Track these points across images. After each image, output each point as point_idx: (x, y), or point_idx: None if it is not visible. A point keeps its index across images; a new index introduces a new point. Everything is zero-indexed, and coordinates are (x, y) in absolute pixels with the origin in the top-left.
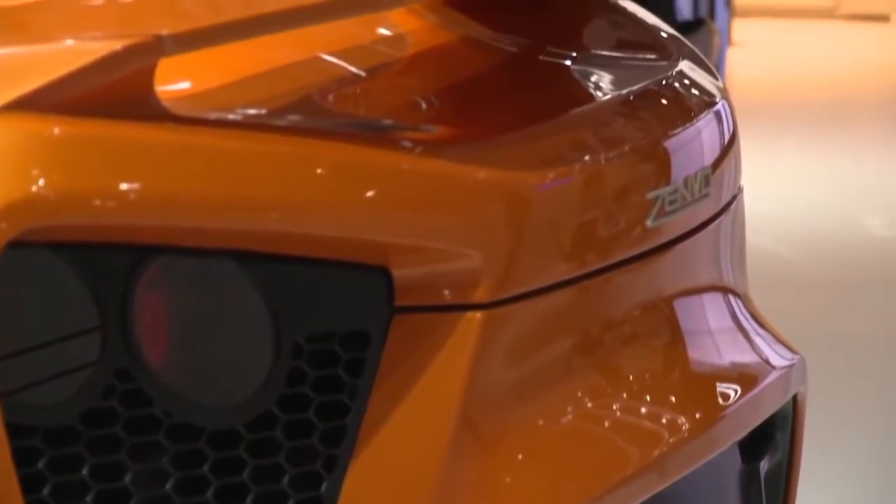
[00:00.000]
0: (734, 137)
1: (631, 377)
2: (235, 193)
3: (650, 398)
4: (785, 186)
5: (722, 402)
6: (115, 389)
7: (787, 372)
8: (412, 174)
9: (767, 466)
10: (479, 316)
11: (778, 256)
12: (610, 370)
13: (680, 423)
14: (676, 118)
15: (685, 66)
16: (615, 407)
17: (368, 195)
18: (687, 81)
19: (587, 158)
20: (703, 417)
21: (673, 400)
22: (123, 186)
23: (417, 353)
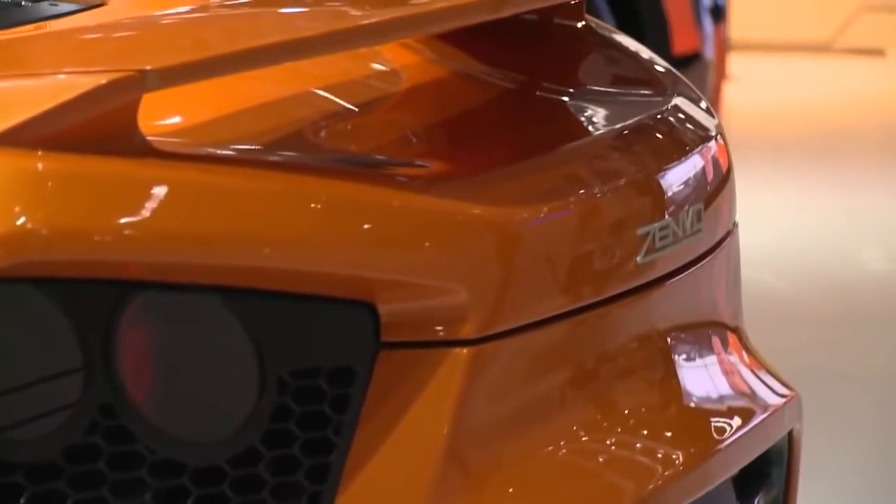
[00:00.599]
0: (728, 173)
1: (622, 412)
2: (220, 229)
3: (641, 434)
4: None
5: (716, 436)
6: (97, 425)
7: (781, 408)
8: (399, 210)
9: (763, 503)
10: (465, 352)
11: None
12: (601, 405)
13: (672, 458)
14: (668, 154)
15: (679, 101)
16: (606, 442)
17: (355, 231)
18: (680, 117)
19: (575, 194)
20: (695, 453)
21: (665, 435)
22: (107, 222)
23: (404, 389)
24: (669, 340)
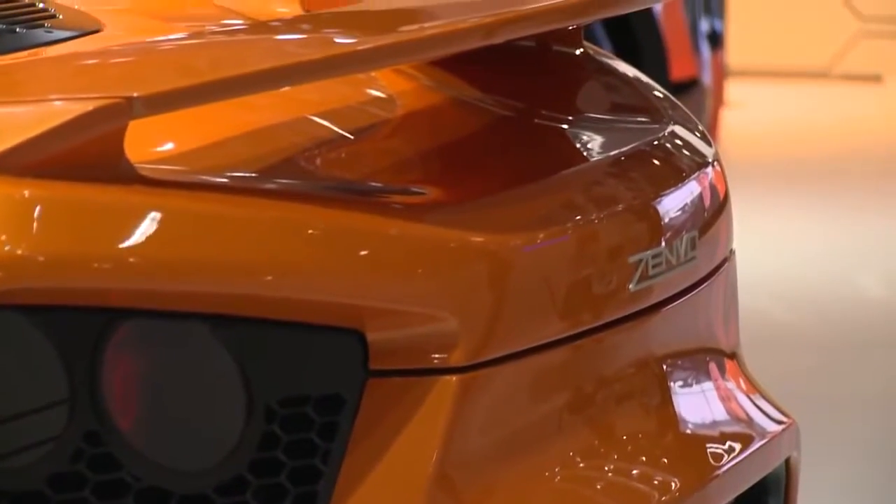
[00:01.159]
0: (725, 201)
1: (616, 439)
2: (206, 257)
3: (636, 461)
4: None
5: (712, 463)
6: (83, 453)
7: (779, 436)
8: (387, 238)
9: None
10: (455, 380)
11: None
12: (595, 432)
13: (666, 485)
14: (662, 182)
15: (675, 128)
16: (600, 469)
17: (343, 259)
18: (676, 144)
19: (566, 222)
20: (690, 480)
21: (659, 462)
22: (92, 250)
23: (392, 417)
24: (665, 367)
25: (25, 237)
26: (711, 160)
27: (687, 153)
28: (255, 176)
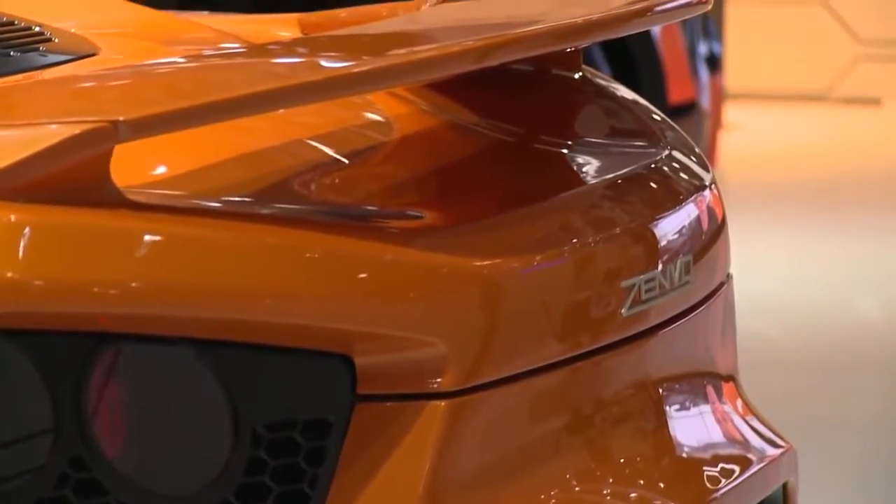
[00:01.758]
0: (722, 225)
1: (610, 463)
2: (192, 281)
3: (630, 486)
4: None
5: (709, 487)
6: (68, 479)
7: (776, 460)
8: (376, 263)
9: None
10: (444, 405)
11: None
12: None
13: None
14: (657, 206)
15: (672, 152)
16: (597, 493)
17: (331, 283)
18: (673, 167)
19: (558, 246)
20: None
21: (655, 487)
22: (77, 274)
23: (380, 441)
24: (661, 391)
25: (10, 261)
26: (708, 184)
27: (683, 177)
28: (244, 200)
